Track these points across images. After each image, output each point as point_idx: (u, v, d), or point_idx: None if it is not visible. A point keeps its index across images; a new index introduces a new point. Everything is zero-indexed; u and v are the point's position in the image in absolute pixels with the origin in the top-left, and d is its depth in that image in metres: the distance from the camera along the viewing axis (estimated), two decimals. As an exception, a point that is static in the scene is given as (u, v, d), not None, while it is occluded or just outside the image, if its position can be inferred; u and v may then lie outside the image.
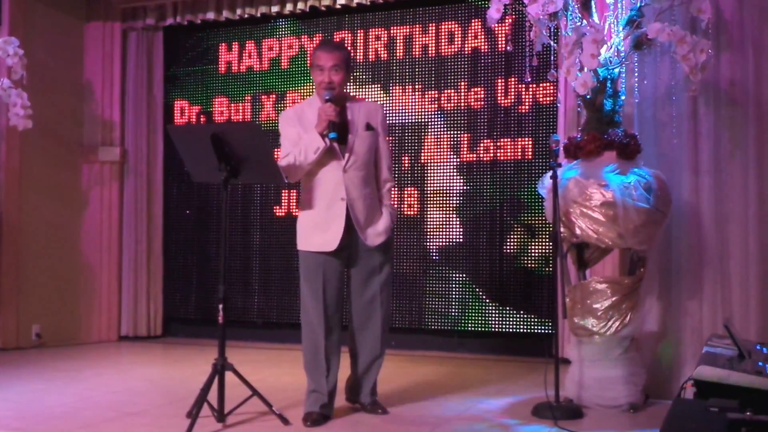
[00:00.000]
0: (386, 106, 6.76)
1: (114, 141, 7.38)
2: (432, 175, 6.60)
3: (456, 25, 6.61)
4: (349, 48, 6.75)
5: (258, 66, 7.28)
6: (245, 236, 7.23)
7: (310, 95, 7.01)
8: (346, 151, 4.09)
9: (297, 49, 7.14)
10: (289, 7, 6.92)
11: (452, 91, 6.61)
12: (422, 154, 6.65)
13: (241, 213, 7.24)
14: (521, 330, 6.28)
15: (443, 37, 6.64)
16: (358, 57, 6.90)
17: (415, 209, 6.65)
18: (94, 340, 7.21)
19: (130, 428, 4.03)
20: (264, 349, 6.71)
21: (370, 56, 6.88)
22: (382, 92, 6.81)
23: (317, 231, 4.10)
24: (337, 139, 4.03)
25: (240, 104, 7.32)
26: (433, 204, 6.61)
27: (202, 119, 7.42)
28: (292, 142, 4.10)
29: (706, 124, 4.81)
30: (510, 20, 6.23)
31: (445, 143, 6.58)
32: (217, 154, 3.98)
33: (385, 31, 6.85)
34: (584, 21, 4.50)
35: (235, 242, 7.19)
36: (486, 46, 6.50)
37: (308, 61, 7.02)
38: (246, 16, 7.10)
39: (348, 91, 4.52)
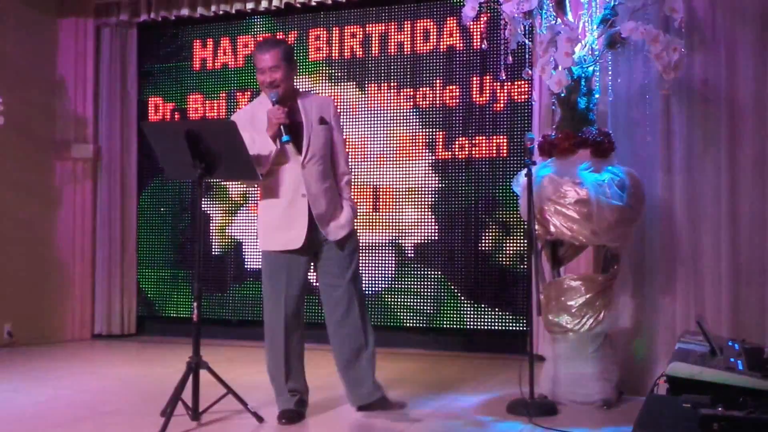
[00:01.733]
0: (362, 104, 6.76)
1: (87, 138, 7.31)
2: (407, 172, 6.60)
3: (431, 23, 6.61)
4: (326, 46, 6.75)
5: (233, 63, 7.24)
6: (220, 234, 7.20)
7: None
8: (303, 147, 4.05)
9: (272, 46, 7.09)
10: (264, 4, 6.89)
11: (427, 88, 6.61)
12: (397, 152, 6.65)
13: (215, 210, 7.21)
14: (496, 327, 6.30)
15: (419, 34, 6.64)
16: (333, 54, 6.89)
17: (390, 207, 6.64)
18: (67, 339, 7.14)
19: (104, 427, 4.00)
20: (239, 347, 6.68)
21: (346, 54, 6.86)
22: (357, 90, 6.80)
23: (280, 230, 4.07)
24: (290, 141, 3.99)
25: (215, 101, 7.28)
26: (408, 201, 6.61)
27: (176, 116, 7.38)
28: (247, 146, 4.00)
29: (678, 122, 4.86)
30: (485, 18, 6.25)
31: (421, 141, 6.59)
32: (191, 151, 3.95)
33: (361, 29, 6.84)
34: (559, 20, 4.52)
35: (209, 240, 7.17)
36: (461, 44, 6.51)
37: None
38: (221, 12, 7.06)
39: (302, 87, 4.42)
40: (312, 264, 4.19)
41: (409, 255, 6.58)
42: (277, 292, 4.08)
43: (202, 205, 4.21)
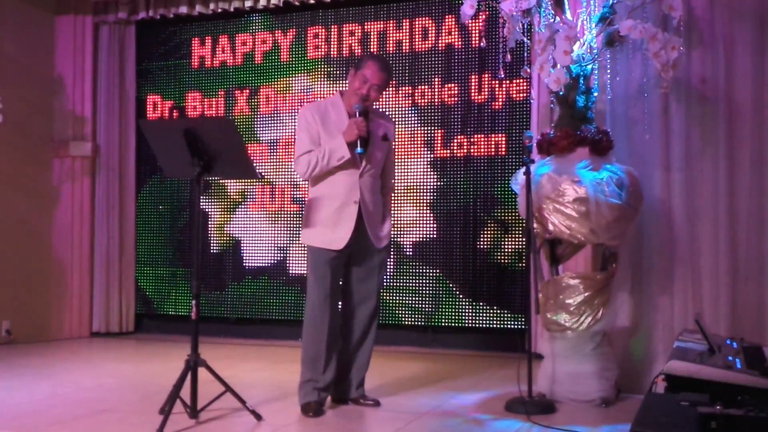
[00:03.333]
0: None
1: (86, 136, 7.30)
2: (405, 170, 6.60)
3: (430, 21, 6.61)
4: (324, 44, 6.76)
5: (231, 61, 7.24)
6: (218, 231, 7.20)
7: (283, 90, 7.02)
8: (365, 158, 4.19)
9: (271, 44, 7.11)
10: (262, 2, 6.89)
11: (426, 87, 6.61)
12: (396, 150, 6.64)
13: (213, 208, 7.21)
14: (495, 325, 6.31)
15: (417, 33, 6.64)
16: (332, 52, 6.89)
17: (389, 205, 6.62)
18: (65, 337, 7.14)
19: (102, 425, 4.00)
20: (237, 345, 6.69)
21: (344, 52, 6.86)
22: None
23: (326, 229, 4.18)
24: (363, 155, 4.15)
25: (213, 99, 7.28)
26: (406, 200, 6.61)
27: (174, 114, 7.37)
28: (312, 140, 4.18)
29: (677, 120, 4.86)
30: (483, 17, 6.25)
31: (419, 139, 6.59)
32: (190, 150, 3.95)
33: (359, 27, 6.84)
34: (557, 18, 4.52)
35: (208, 237, 7.17)
36: (460, 43, 6.51)
37: (284, 57, 7.04)
38: (219, 10, 7.06)
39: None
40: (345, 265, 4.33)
41: (408, 253, 6.58)
42: (323, 288, 4.17)
43: (201, 203, 4.21)
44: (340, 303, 4.32)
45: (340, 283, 4.31)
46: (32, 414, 4.21)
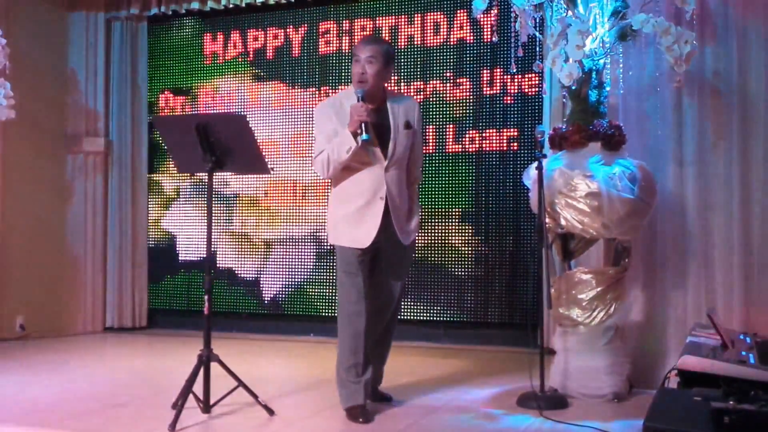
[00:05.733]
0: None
1: (98, 131, 7.33)
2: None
3: (441, 16, 6.60)
4: (336, 40, 6.75)
5: (243, 56, 7.25)
6: (231, 227, 7.21)
7: (291, 85, 7.02)
8: (389, 152, 4.01)
9: (282, 40, 7.11)
10: (274, -3, 6.90)
11: (438, 81, 6.60)
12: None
13: (225, 203, 7.23)
14: (507, 320, 6.30)
15: (429, 27, 6.63)
16: (343, 48, 6.89)
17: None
18: (78, 332, 7.18)
19: (115, 420, 4.02)
20: (250, 340, 6.71)
21: (356, 47, 6.85)
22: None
23: (351, 227, 4.04)
24: (370, 141, 3.91)
25: (225, 94, 7.29)
26: (419, 195, 6.59)
27: (187, 109, 7.39)
28: (327, 138, 3.99)
29: (690, 115, 4.84)
30: (495, 11, 6.21)
31: (431, 134, 6.58)
32: (202, 145, 3.96)
33: (371, 22, 6.83)
34: (569, 12, 4.50)
35: (221, 232, 7.19)
36: (471, 37, 6.49)
37: (296, 52, 7.05)
38: (231, 6, 7.07)
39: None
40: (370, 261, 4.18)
41: (419, 248, 6.57)
42: (356, 285, 4.04)
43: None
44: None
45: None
46: (46, 408, 4.23)
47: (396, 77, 6.69)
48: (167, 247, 7.46)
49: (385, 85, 4.18)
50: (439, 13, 6.61)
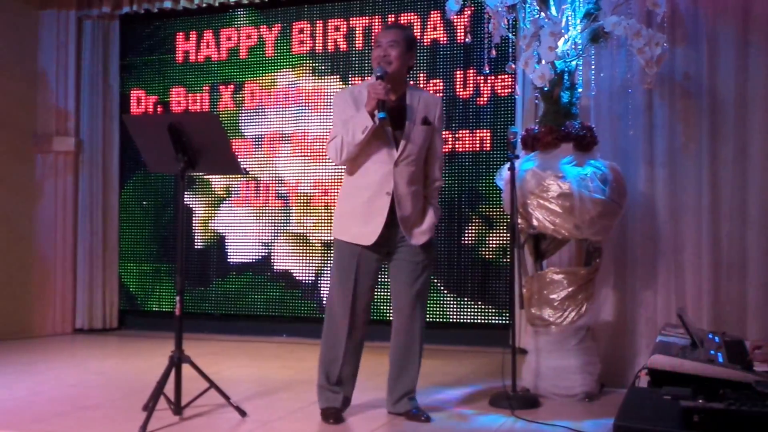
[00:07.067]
0: (345, 97, 6.74)
1: (69, 131, 7.26)
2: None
3: (415, 17, 6.60)
4: (310, 40, 6.72)
5: (216, 56, 7.21)
6: (203, 227, 7.18)
7: (268, 85, 7.01)
8: (402, 141, 3.85)
9: (256, 39, 7.08)
10: (247, -4, 6.88)
11: (411, 82, 6.57)
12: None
13: (198, 203, 7.19)
14: (479, 320, 6.32)
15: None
16: (317, 48, 6.88)
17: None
18: (48, 333, 7.10)
19: (85, 422, 3.98)
20: (221, 341, 6.67)
21: (330, 47, 6.85)
22: (341, 83, 6.79)
23: (355, 222, 3.89)
24: (387, 120, 3.75)
25: (198, 94, 7.25)
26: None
27: (159, 109, 7.34)
28: (343, 123, 3.84)
29: (661, 116, 4.88)
30: (469, 12, 6.25)
31: (404, 135, 6.56)
32: (174, 145, 3.93)
33: (345, 22, 6.82)
34: (542, 14, 4.53)
35: (192, 233, 7.15)
36: (445, 38, 6.50)
37: (269, 52, 7.03)
38: (204, 5, 7.04)
39: (410, 81, 4.06)
40: (385, 263, 4.03)
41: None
42: (346, 286, 3.90)
43: (185, 199, 4.19)
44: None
45: (374, 284, 3.99)
46: (14, 411, 4.18)
47: (370, 77, 6.66)
48: (141, 247, 7.41)
49: (409, 80, 4.08)
50: (412, 13, 6.62)
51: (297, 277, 6.89)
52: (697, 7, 4.84)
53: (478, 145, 6.38)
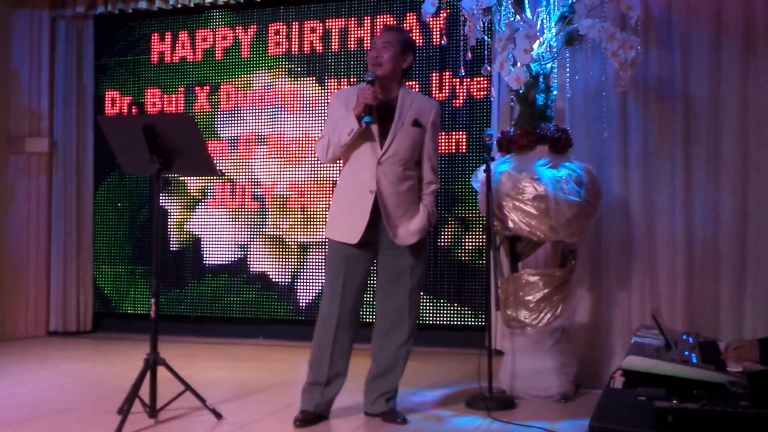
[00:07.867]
0: (321, 99, 6.74)
1: (42, 132, 7.18)
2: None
3: (391, 19, 6.61)
4: (285, 41, 6.71)
5: (191, 57, 7.18)
6: (178, 229, 7.14)
7: (244, 86, 6.98)
8: (385, 144, 3.87)
9: (231, 41, 7.06)
10: (222, -3, 6.85)
11: (409, 84, 6.57)
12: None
13: (173, 205, 7.15)
14: (455, 322, 6.34)
15: (378, 30, 6.63)
16: (293, 49, 6.87)
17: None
18: (21, 336, 7.02)
19: (59, 426, 3.94)
20: (197, 343, 6.64)
21: (305, 49, 6.84)
22: (317, 85, 6.79)
23: (343, 221, 3.93)
24: (373, 123, 3.81)
25: (173, 95, 7.21)
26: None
27: (133, 110, 7.29)
28: (333, 124, 3.89)
29: (635, 119, 4.92)
30: (444, 14, 6.26)
31: (381, 136, 6.57)
32: (149, 146, 3.91)
33: (321, 24, 6.82)
34: (517, 16, 4.55)
35: (167, 235, 7.11)
36: (421, 40, 6.51)
37: (245, 53, 7.01)
38: (179, 6, 6.99)
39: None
40: (375, 262, 4.05)
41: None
42: (334, 285, 3.93)
43: (160, 201, 4.16)
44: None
45: (363, 285, 4.01)
46: (-13, 415, 4.14)
47: (347, 79, 6.68)
48: (116, 249, 7.35)
49: (406, 83, 4.11)
50: (388, 15, 6.62)
51: (273, 279, 6.87)
52: (670, 11, 4.89)
53: (454, 148, 6.39)
